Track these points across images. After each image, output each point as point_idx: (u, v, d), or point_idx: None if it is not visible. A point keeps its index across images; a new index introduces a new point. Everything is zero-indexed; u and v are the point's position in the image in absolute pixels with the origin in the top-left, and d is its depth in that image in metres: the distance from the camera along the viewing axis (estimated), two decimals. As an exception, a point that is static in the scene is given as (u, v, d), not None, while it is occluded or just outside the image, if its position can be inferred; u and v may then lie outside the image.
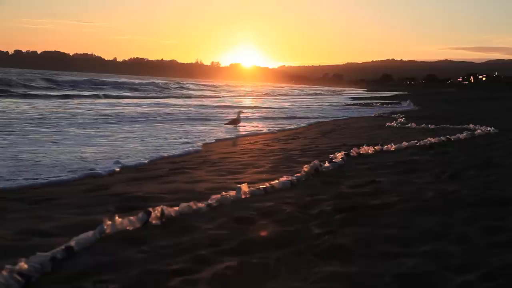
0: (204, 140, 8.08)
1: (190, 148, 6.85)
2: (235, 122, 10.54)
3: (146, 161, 5.63)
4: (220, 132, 9.78)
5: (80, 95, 26.25)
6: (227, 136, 9.05)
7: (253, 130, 10.33)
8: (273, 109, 20.39)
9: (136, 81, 47.16)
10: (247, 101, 29.18)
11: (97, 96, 26.06)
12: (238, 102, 26.61)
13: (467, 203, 3.14)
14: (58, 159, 5.61)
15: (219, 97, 34.85)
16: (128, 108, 17.10)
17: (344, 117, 15.18)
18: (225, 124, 10.79)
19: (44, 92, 26.37)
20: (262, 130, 10.50)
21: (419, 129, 9.48)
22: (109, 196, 3.65)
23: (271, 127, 11.04)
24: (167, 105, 20.64)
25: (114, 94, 28.71)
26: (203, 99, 29.48)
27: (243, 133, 9.62)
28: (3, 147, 6.54)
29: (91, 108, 16.42)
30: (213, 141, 8.06)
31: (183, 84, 51.28)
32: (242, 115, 10.93)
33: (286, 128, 11.06)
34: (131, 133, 8.98)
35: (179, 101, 25.09)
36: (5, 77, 33.43)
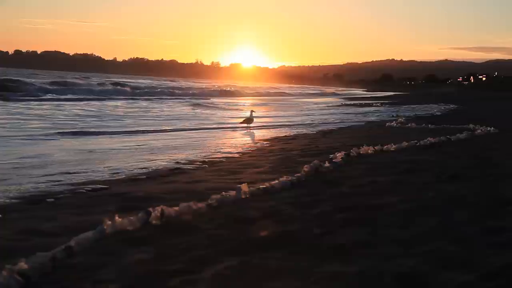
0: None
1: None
2: (248, 121, 10.62)
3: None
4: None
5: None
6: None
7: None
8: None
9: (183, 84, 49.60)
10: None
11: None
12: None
13: (467, 203, 3.14)
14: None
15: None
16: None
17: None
18: (239, 123, 10.96)
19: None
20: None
21: (419, 129, 9.47)
22: (109, 196, 3.65)
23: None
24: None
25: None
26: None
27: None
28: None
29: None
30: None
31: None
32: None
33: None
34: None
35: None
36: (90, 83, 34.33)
